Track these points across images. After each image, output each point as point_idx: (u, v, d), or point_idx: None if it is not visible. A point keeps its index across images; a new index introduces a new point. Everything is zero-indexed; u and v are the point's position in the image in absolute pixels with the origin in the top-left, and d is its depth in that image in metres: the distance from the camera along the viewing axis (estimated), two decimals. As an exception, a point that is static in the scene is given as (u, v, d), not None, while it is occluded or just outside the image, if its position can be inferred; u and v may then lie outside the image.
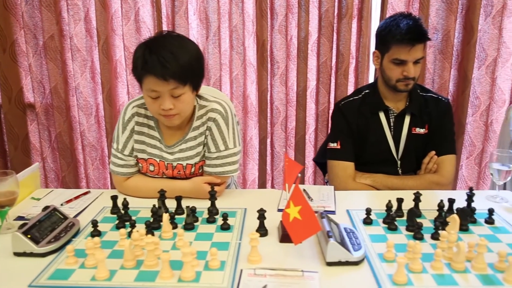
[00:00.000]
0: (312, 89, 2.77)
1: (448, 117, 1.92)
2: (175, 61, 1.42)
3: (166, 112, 1.49)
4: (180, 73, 1.43)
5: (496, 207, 1.56)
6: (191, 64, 1.47)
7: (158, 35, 1.54)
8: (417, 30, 1.71)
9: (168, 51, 1.43)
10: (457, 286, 1.08)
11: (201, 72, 1.56)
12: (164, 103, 1.47)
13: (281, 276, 1.12)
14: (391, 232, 1.37)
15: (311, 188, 1.74)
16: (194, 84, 1.51)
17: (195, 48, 1.55)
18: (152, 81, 1.45)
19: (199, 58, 1.54)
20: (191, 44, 1.56)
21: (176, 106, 1.49)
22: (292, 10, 2.62)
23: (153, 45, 1.47)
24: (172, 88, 1.45)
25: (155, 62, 1.42)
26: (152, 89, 1.47)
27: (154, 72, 1.43)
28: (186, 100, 1.50)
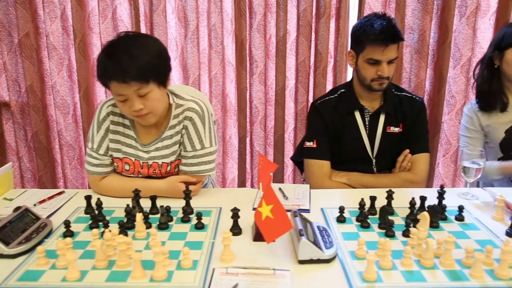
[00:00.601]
0: (291, 88, 2.78)
1: (422, 116, 1.95)
2: (132, 62, 1.42)
3: (137, 113, 1.49)
4: (139, 73, 1.42)
5: (467, 204, 1.59)
6: (151, 62, 1.46)
7: (115, 38, 1.52)
8: (390, 31, 1.73)
9: (124, 53, 1.43)
10: (425, 283, 1.10)
11: (165, 67, 1.54)
12: (133, 104, 1.47)
13: (253, 274, 1.13)
14: (364, 230, 1.39)
15: (287, 186, 1.75)
16: (158, 81, 1.49)
17: (155, 45, 1.53)
18: (115, 85, 1.45)
19: (160, 54, 1.52)
20: (150, 41, 1.54)
21: (146, 105, 1.48)
22: (270, 9, 2.63)
23: (110, 49, 1.47)
24: (136, 89, 1.45)
25: (113, 67, 1.42)
26: (118, 93, 1.47)
27: (114, 77, 1.43)
28: (155, 98, 1.49)
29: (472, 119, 2.06)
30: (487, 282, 1.10)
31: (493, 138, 2.03)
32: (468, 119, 2.07)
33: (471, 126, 2.06)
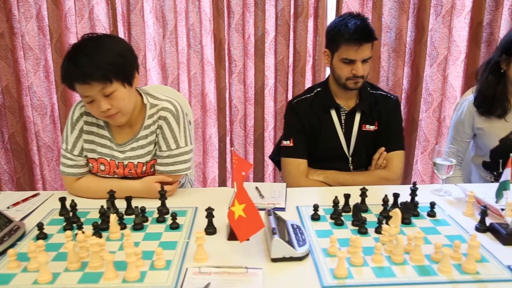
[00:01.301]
0: (271, 87, 2.79)
1: (397, 114, 1.97)
2: (91, 63, 1.42)
3: (105, 113, 1.49)
4: (100, 73, 1.42)
5: (440, 201, 1.62)
6: (112, 62, 1.45)
7: (78, 41, 1.53)
8: (364, 30, 1.75)
9: (84, 55, 1.44)
10: (395, 278, 1.12)
11: (128, 66, 1.52)
12: (100, 105, 1.47)
13: (226, 273, 1.13)
14: (338, 227, 1.41)
15: (263, 185, 1.76)
16: (122, 80, 1.49)
17: (117, 45, 1.52)
18: (78, 87, 1.46)
19: (123, 53, 1.51)
20: (111, 42, 1.53)
21: (113, 104, 1.49)
22: (249, 9, 2.64)
23: (72, 52, 1.48)
24: (100, 89, 1.45)
25: (73, 69, 1.43)
26: (83, 95, 1.48)
27: (76, 79, 1.44)
28: (121, 97, 1.49)
29: (466, 119, 2.02)
30: (454, 277, 1.13)
31: (485, 142, 2.00)
32: (462, 117, 2.03)
33: (462, 127, 2.04)
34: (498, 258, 1.22)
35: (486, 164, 2.05)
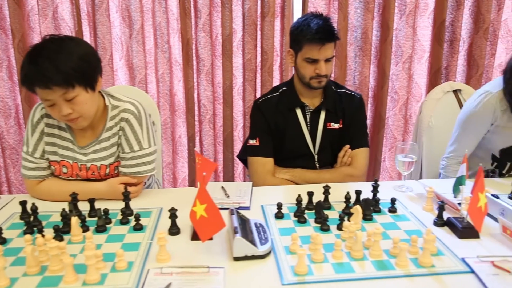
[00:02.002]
0: (239, 86, 2.80)
1: (361, 112, 2.01)
2: (53, 67, 1.38)
3: (66, 117, 1.47)
4: (62, 78, 1.39)
5: (402, 197, 1.66)
6: (75, 66, 1.42)
7: (39, 42, 1.48)
8: (327, 30, 1.77)
9: (46, 58, 1.40)
10: (354, 273, 1.15)
11: (91, 70, 1.49)
12: (61, 109, 1.45)
13: (187, 273, 1.14)
14: (301, 225, 1.43)
15: (229, 185, 1.77)
16: (85, 84, 1.46)
17: (80, 49, 1.49)
18: (39, 91, 1.42)
19: (86, 57, 1.48)
20: (74, 45, 1.49)
21: (75, 109, 1.46)
22: (216, 8, 2.64)
23: (32, 54, 1.43)
24: (61, 94, 1.42)
25: (34, 73, 1.39)
26: (44, 98, 1.45)
27: (36, 83, 1.40)
28: (83, 101, 1.47)
29: (487, 113, 1.86)
30: (410, 270, 1.16)
31: (497, 140, 1.91)
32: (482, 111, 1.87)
33: (479, 120, 1.89)
34: (453, 251, 1.26)
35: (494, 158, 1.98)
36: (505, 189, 1.72)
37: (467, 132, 1.94)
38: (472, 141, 1.95)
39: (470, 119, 1.91)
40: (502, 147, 1.93)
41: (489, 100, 1.85)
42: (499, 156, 1.95)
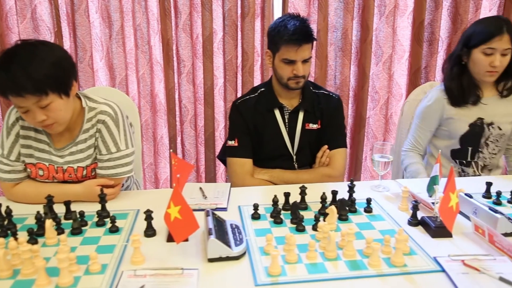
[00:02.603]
0: (220, 86, 2.80)
1: (339, 112, 2.02)
2: (25, 75, 1.36)
3: (41, 123, 1.46)
4: (35, 87, 1.37)
5: (378, 196, 1.68)
6: (48, 74, 1.40)
7: (11, 47, 1.44)
8: (303, 31, 1.78)
9: (19, 65, 1.37)
10: (327, 274, 1.16)
11: (65, 77, 1.47)
12: (35, 116, 1.43)
13: (161, 275, 1.14)
14: (277, 225, 1.44)
15: (208, 186, 1.77)
16: (59, 91, 1.44)
17: (54, 55, 1.45)
18: (12, 99, 1.40)
19: (60, 63, 1.45)
20: (48, 51, 1.46)
21: (49, 115, 1.45)
22: (196, 9, 2.64)
23: (4, 61, 1.39)
24: (35, 102, 1.40)
25: (6, 81, 1.37)
26: (17, 105, 1.43)
27: (9, 91, 1.38)
28: (57, 108, 1.45)
29: (435, 108, 2.05)
30: (383, 270, 1.17)
31: (455, 128, 2.04)
32: (430, 108, 2.06)
33: (430, 115, 2.06)
34: (426, 250, 1.28)
35: (455, 152, 2.10)
36: (480, 188, 1.74)
37: (420, 125, 2.11)
38: (426, 133, 2.11)
39: (422, 114, 2.10)
40: (461, 133, 2.04)
41: (436, 96, 2.06)
42: (460, 146, 2.06)
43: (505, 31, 1.86)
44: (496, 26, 1.88)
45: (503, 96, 2.01)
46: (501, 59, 1.89)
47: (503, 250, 1.25)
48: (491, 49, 1.88)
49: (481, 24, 1.95)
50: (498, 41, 1.86)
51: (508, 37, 1.87)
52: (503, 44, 1.87)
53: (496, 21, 1.91)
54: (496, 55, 1.88)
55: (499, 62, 1.88)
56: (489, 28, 1.89)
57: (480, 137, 2.03)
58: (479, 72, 1.95)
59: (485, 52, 1.89)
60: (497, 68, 1.90)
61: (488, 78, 1.95)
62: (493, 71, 1.92)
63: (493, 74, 1.93)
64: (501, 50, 1.88)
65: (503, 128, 2.02)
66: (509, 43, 1.88)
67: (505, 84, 2.01)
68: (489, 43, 1.88)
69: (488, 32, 1.88)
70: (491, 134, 2.02)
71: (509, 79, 2.00)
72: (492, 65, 1.89)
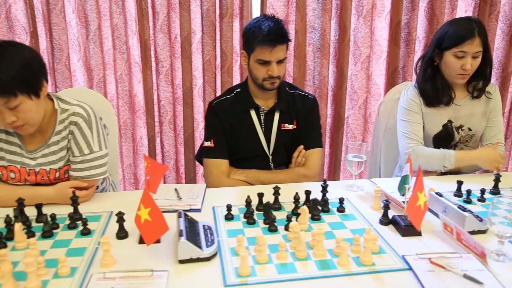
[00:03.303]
0: (199, 87, 2.80)
1: (314, 112, 2.03)
2: None
3: (11, 125, 1.45)
4: (2, 88, 1.36)
5: (352, 196, 1.70)
6: (16, 75, 1.39)
7: None
8: (277, 32, 1.79)
9: None
10: (296, 274, 1.17)
11: (34, 78, 1.46)
12: (5, 117, 1.42)
13: (131, 277, 1.14)
14: (250, 226, 1.44)
15: (183, 187, 1.77)
16: (28, 92, 1.43)
17: (23, 54, 1.44)
18: None
19: (28, 64, 1.44)
20: (16, 51, 1.45)
21: (19, 117, 1.44)
22: (174, 9, 2.63)
23: None
24: (3, 103, 1.39)
25: None
26: None
27: None
28: (27, 109, 1.44)
29: (416, 103, 2.03)
30: (351, 269, 1.19)
31: (429, 128, 2.04)
32: (411, 103, 2.03)
33: (415, 109, 2.03)
34: (395, 249, 1.30)
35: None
36: (452, 187, 1.77)
37: (410, 120, 2.03)
38: (418, 125, 2.03)
39: (406, 109, 2.05)
40: (434, 133, 2.04)
41: (412, 91, 2.06)
42: (434, 146, 2.05)
43: (477, 34, 1.86)
44: (467, 29, 1.87)
45: (474, 97, 2.03)
46: (472, 62, 1.90)
47: (469, 247, 1.28)
48: (462, 52, 1.88)
49: (453, 26, 1.93)
50: (469, 44, 1.86)
51: (479, 40, 1.87)
52: (474, 48, 1.87)
53: (468, 24, 1.89)
54: (468, 58, 1.88)
55: (470, 65, 1.89)
56: (460, 31, 1.89)
57: (452, 139, 2.05)
58: (450, 74, 1.95)
59: (457, 55, 1.89)
60: (468, 71, 1.91)
61: (460, 80, 1.96)
62: (464, 74, 1.92)
63: (464, 77, 1.94)
64: (472, 53, 1.88)
65: (473, 129, 2.04)
66: (480, 46, 1.88)
67: (475, 85, 2.02)
68: (461, 47, 1.87)
69: (460, 36, 1.88)
70: (461, 137, 2.05)
71: (479, 80, 2.01)
72: (463, 68, 1.90)
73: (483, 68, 1.96)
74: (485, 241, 1.35)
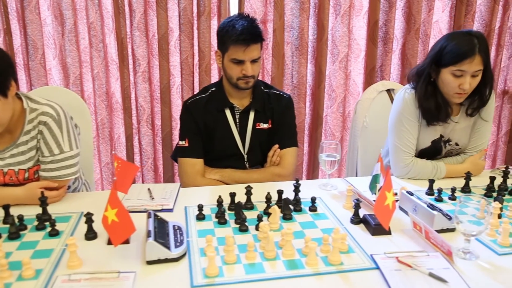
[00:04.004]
0: (178, 85, 2.78)
1: (289, 112, 2.03)
2: None
3: None
4: None
5: (325, 195, 1.71)
6: None
7: None
8: (251, 31, 1.79)
9: None
10: (264, 274, 1.17)
11: (2, 77, 1.43)
12: None
13: (96, 279, 1.13)
14: (221, 226, 1.44)
15: (157, 186, 1.76)
16: None
17: None
18: None
19: None
20: None
21: None
22: (152, 7, 2.61)
23: None
24: None
25: None
26: None
27: None
28: None
29: (415, 111, 1.89)
30: (319, 269, 1.19)
31: (418, 142, 1.95)
32: (411, 110, 1.89)
33: (413, 118, 1.89)
34: (364, 248, 1.30)
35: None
36: (423, 185, 1.79)
37: (407, 133, 1.90)
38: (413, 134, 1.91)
39: (400, 118, 1.90)
40: (422, 147, 1.97)
41: (411, 96, 1.90)
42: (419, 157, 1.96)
43: (477, 52, 1.70)
44: (468, 46, 1.71)
45: (468, 115, 1.92)
46: (471, 81, 1.75)
47: (437, 246, 1.29)
48: (460, 71, 1.73)
49: (452, 41, 1.76)
50: (468, 63, 1.71)
51: (479, 59, 1.71)
52: (474, 67, 1.72)
53: (469, 40, 1.72)
54: (466, 77, 1.74)
55: (468, 85, 1.74)
56: (460, 48, 1.73)
57: (439, 153, 2.00)
58: (447, 92, 1.82)
59: (455, 73, 1.75)
60: (467, 91, 1.77)
61: (457, 99, 1.83)
62: (462, 93, 1.79)
63: (462, 96, 1.81)
64: (472, 72, 1.73)
65: (460, 143, 1.98)
66: (481, 64, 1.73)
67: (471, 103, 1.90)
68: (459, 65, 1.72)
69: (459, 53, 1.72)
70: (448, 150, 2.00)
71: (475, 99, 1.88)
72: (461, 88, 1.76)
73: (481, 87, 1.83)
74: (454, 239, 1.36)
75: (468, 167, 1.90)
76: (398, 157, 1.91)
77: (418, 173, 1.88)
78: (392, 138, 1.94)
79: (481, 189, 1.78)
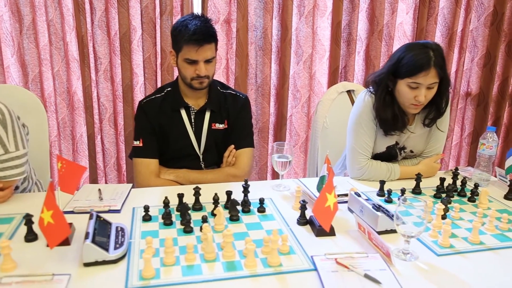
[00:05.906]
0: (141, 84, 2.76)
1: (245, 112, 2.04)
2: None
3: None
4: None
5: (277, 196, 1.71)
6: None
7: None
8: (204, 31, 1.78)
9: None
10: (201, 275, 1.16)
11: None
12: None
13: (29, 282, 1.11)
14: (167, 227, 1.43)
15: (107, 187, 1.74)
16: None
17: None
18: None
19: None
20: None
21: None
22: (113, 5, 2.58)
23: None
24: None
25: None
26: None
27: None
28: None
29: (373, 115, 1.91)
30: (257, 270, 1.19)
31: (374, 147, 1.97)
32: (369, 114, 1.91)
33: (371, 122, 1.91)
34: (305, 249, 1.31)
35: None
36: (375, 186, 1.81)
37: (363, 135, 1.91)
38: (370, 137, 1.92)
39: (359, 120, 1.92)
40: (377, 152, 2.00)
41: (371, 99, 1.92)
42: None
43: (432, 65, 1.72)
44: (423, 59, 1.73)
45: (425, 125, 1.95)
46: (427, 93, 1.78)
47: (377, 246, 1.30)
48: (416, 83, 1.75)
49: (410, 53, 1.77)
50: (423, 76, 1.73)
51: (435, 72, 1.73)
52: (429, 80, 1.74)
53: (424, 52, 1.73)
54: (422, 90, 1.76)
55: (423, 97, 1.77)
56: (416, 61, 1.74)
57: (395, 159, 2.03)
58: (403, 103, 1.84)
59: (410, 85, 1.77)
60: (422, 102, 1.79)
61: (412, 110, 1.86)
62: (418, 104, 1.81)
63: (418, 107, 1.83)
64: (427, 84, 1.75)
65: (415, 151, 2.01)
66: (436, 77, 1.75)
67: (428, 114, 1.93)
68: (415, 78, 1.74)
69: (415, 67, 1.74)
70: (403, 157, 2.03)
71: (432, 110, 1.92)
72: (416, 99, 1.78)
73: (437, 98, 1.86)
74: (397, 240, 1.38)
75: (422, 169, 1.93)
76: (353, 159, 1.93)
77: (372, 175, 1.90)
78: (350, 140, 1.96)
79: (432, 190, 1.81)
